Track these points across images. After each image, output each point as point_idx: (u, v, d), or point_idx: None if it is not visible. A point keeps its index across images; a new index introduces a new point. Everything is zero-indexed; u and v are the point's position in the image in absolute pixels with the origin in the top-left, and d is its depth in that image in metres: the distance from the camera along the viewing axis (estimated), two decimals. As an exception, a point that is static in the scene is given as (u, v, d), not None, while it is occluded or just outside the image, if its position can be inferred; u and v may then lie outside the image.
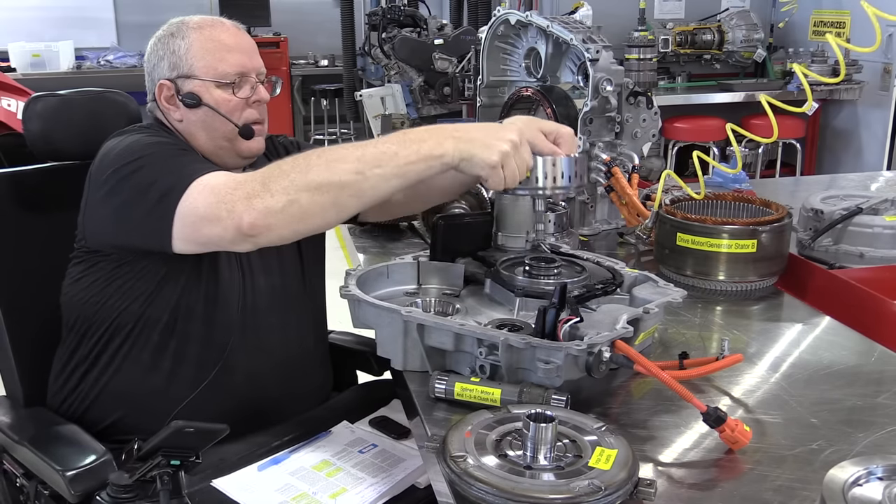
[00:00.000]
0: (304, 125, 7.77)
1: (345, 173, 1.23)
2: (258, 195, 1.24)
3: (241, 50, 1.58)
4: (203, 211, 1.30)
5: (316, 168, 1.25)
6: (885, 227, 1.74)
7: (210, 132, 1.56)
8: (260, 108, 1.59)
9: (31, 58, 6.87)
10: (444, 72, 4.96)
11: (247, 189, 1.26)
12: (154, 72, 1.59)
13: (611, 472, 0.92)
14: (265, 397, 1.57)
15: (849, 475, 0.86)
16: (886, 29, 4.76)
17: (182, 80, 1.55)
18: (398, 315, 1.24)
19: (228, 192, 1.27)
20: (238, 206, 1.25)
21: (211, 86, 1.54)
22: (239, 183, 1.28)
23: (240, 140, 1.57)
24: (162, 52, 1.57)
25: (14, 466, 1.56)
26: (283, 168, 1.26)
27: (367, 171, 1.23)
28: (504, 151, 1.23)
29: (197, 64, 1.54)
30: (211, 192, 1.30)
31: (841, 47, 4.17)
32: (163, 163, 1.40)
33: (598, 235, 1.90)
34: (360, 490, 1.34)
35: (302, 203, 1.24)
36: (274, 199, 1.24)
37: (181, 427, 1.23)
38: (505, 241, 1.58)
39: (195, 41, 1.55)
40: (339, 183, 1.23)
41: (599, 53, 1.80)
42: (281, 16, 7.64)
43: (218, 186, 1.30)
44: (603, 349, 1.13)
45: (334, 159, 1.25)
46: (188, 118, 1.56)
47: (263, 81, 1.61)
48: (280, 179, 1.25)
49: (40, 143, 1.67)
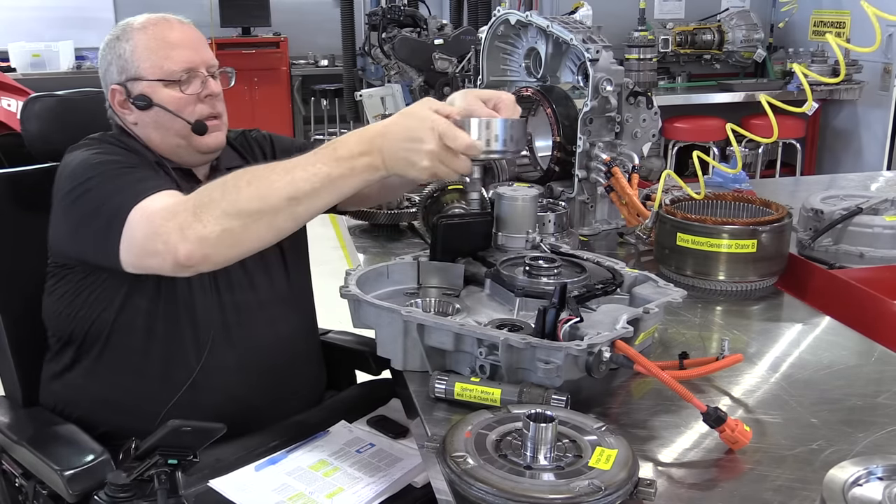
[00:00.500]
0: (304, 125, 7.77)
1: (277, 200, 1.23)
2: (191, 226, 1.25)
3: (186, 45, 1.55)
4: (141, 242, 1.31)
5: (247, 196, 1.24)
6: (885, 227, 1.74)
7: (164, 132, 1.55)
8: (213, 102, 1.57)
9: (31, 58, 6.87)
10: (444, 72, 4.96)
11: (180, 220, 1.26)
12: (106, 77, 1.58)
13: (611, 472, 0.92)
14: (256, 397, 1.56)
15: (849, 475, 0.86)
16: (886, 29, 4.76)
17: (131, 82, 1.54)
18: (398, 315, 1.23)
19: (163, 223, 1.28)
20: (172, 237, 1.26)
21: (158, 85, 1.53)
22: (172, 213, 1.28)
23: (196, 136, 1.55)
24: (110, 56, 1.56)
25: (13, 466, 1.56)
26: (213, 196, 1.26)
27: (300, 196, 1.23)
28: (426, 167, 1.21)
29: (143, 65, 1.53)
30: (147, 222, 1.31)
31: (841, 47, 4.17)
32: (109, 184, 1.39)
33: (598, 235, 1.90)
34: (356, 490, 1.34)
35: (235, 231, 1.24)
36: (207, 229, 1.24)
37: (178, 426, 1.23)
38: (505, 241, 1.58)
39: (139, 42, 1.53)
40: (271, 209, 1.23)
41: (599, 53, 1.80)
42: (281, 16, 7.64)
43: (154, 216, 1.30)
44: (603, 349, 1.13)
45: (265, 186, 1.24)
46: (142, 120, 1.55)
47: (215, 74, 1.58)
48: (211, 208, 1.25)
49: (38, 143, 1.67)
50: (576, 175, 1.86)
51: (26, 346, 1.63)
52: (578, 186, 1.87)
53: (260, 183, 1.24)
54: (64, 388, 1.56)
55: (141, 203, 1.33)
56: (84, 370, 1.53)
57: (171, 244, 1.26)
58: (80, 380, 1.54)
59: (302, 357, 1.68)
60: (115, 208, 1.34)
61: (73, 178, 1.43)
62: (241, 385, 1.55)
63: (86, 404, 1.52)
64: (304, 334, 1.71)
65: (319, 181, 1.22)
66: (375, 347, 1.31)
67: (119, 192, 1.37)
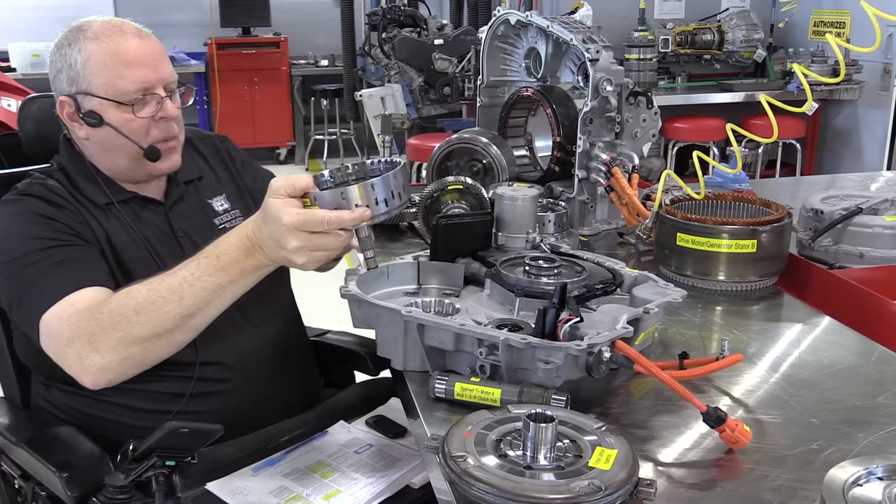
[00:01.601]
0: (304, 125, 7.77)
1: (169, 320, 1.26)
2: (88, 356, 1.28)
3: (143, 63, 1.43)
4: (52, 353, 1.34)
5: (138, 324, 1.26)
6: (885, 227, 1.74)
7: (115, 153, 1.47)
8: (168, 125, 1.47)
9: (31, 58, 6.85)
10: (444, 72, 4.96)
11: (78, 348, 1.29)
12: (54, 84, 1.48)
13: (611, 472, 0.92)
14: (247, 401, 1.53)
15: (849, 475, 0.86)
16: (886, 29, 4.76)
17: (81, 96, 1.43)
18: (398, 315, 1.23)
19: (62, 349, 1.31)
20: (73, 365, 1.30)
21: (110, 105, 1.42)
22: (67, 339, 1.30)
23: (147, 162, 1.47)
24: (60, 63, 1.45)
25: (11, 468, 1.56)
26: (104, 325, 1.27)
27: (193, 311, 1.26)
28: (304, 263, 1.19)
29: (94, 81, 1.42)
30: (52, 341, 1.33)
31: (841, 47, 4.17)
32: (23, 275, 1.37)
33: (598, 235, 1.90)
34: (354, 491, 1.34)
35: (135, 356, 1.29)
36: (105, 359, 1.27)
37: (175, 428, 1.23)
38: (505, 241, 1.58)
39: (92, 54, 1.42)
40: (166, 329, 1.27)
41: (599, 53, 1.79)
42: (281, 16, 7.63)
43: (55, 337, 1.32)
44: (603, 349, 1.12)
45: (154, 311, 1.25)
46: (93, 137, 1.46)
47: (174, 92, 1.49)
48: (105, 339, 1.27)
49: (35, 144, 1.66)
50: (576, 175, 1.86)
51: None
52: (578, 186, 1.87)
53: (149, 310, 1.26)
54: (51, 405, 1.54)
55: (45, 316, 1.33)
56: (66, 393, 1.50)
57: (73, 371, 1.31)
58: (64, 398, 1.51)
59: (291, 357, 1.65)
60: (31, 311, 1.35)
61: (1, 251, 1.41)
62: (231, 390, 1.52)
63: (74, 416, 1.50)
64: (290, 335, 1.67)
65: (210, 293, 1.25)
66: (374, 348, 1.31)
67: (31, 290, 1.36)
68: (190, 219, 1.57)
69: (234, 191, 1.67)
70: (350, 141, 7.38)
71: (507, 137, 2.08)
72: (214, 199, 1.62)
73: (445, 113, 5.15)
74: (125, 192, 1.52)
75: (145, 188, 1.55)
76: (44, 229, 1.41)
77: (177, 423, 1.23)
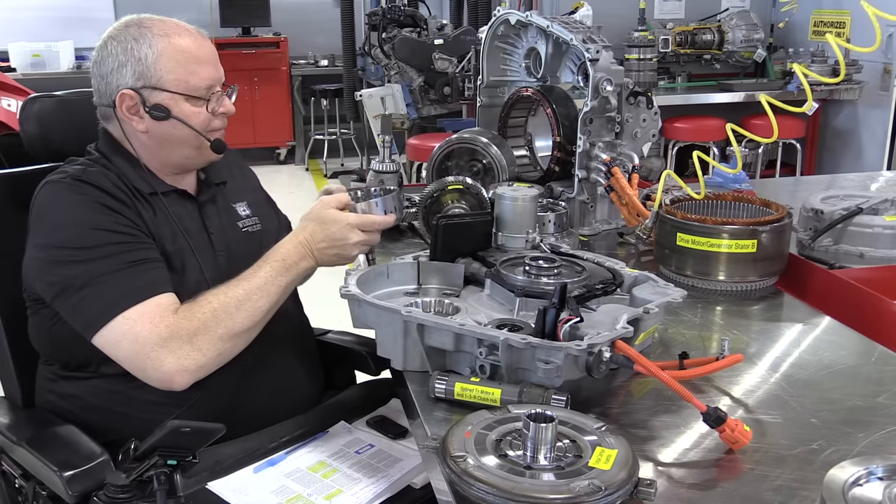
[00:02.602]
0: (305, 125, 7.77)
1: (259, 314, 1.41)
2: (188, 356, 1.35)
3: (209, 61, 1.53)
4: (125, 357, 1.37)
5: (238, 318, 1.39)
6: (885, 227, 1.74)
7: (176, 146, 1.52)
8: (224, 120, 1.58)
9: (31, 58, 6.87)
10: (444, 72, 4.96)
11: (173, 347, 1.35)
12: (111, 77, 1.49)
13: (611, 472, 0.92)
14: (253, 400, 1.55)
15: (849, 475, 0.86)
16: (886, 29, 4.76)
17: (149, 90, 1.48)
18: (398, 315, 1.23)
19: (154, 349, 1.34)
20: (166, 366, 1.34)
21: (181, 99, 1.49)
22: (164, 339, 1.34)
23: (206, 150, 1.55)
24: (123, 57, 1.48)
25: (12, 467, 1.56)
26: (207, 322, 1.37)
27: (272, 307, 1.43)
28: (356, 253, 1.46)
29: (167, 76, 1.48)
30: (135, 341, 1.35)
31: (841, 47, 4.18)
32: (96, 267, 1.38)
33: (598, 235, 1.90)
34: (355, 491, 1.34)
35: (227, 351, 1.40)
36: (206, 357, 1.37)
37: (177, 427, 1.23)
38: (505, 241, 1.58)
39: (164, 50, 1.47)
40: (255, 324, 1.42)
41: (599, 53, 1.80)
42: (281, 16, 7.64)
43: (143, 337, 1.34)
44: (603, 349, 1.12)
45: (250, 305, 1.40)
46: (154, 130, 1.50)
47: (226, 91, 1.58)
48: (207, 335, 1.37)
49: (38, 143, 1.67)
50: (576, 175, 1.86)
51: (26, 346, 1.63)
52: (578, 186, 1.87)
53: (247, 305, 1.40)
54: (59, 397, 1.54)
55: (128, 313, 1.35)
56: (78, 383, 1.51)
57: (164, 372, 1.35)
58: (74, 390, 1.52)
59: (297, 357, 1.67)
60: (101, 303, 1.37)
61: (59, 235, 1.42)
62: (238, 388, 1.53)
63: (81, 413, 1.50)
64: (298, 334, 1.70)
65: (280, 291, 1.43)
66: (375, 347, 1.31)
67: (106, 283, 1.37)
68: (220, 218, 1.63)
69: (252, 200, 1.73)
70: (350, 141, 7.38)
71: (507, 137, 2.08)
72: (238, 205, 1.69)
73: (445, 113, 5.15)
74: (165, 184, 1.57)
75: (181, 183, 1.60)
76: (111, 222, 1.44)
77: (178, 422, 1.23)
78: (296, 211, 1.64)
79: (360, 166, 7.08)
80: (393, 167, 1.81)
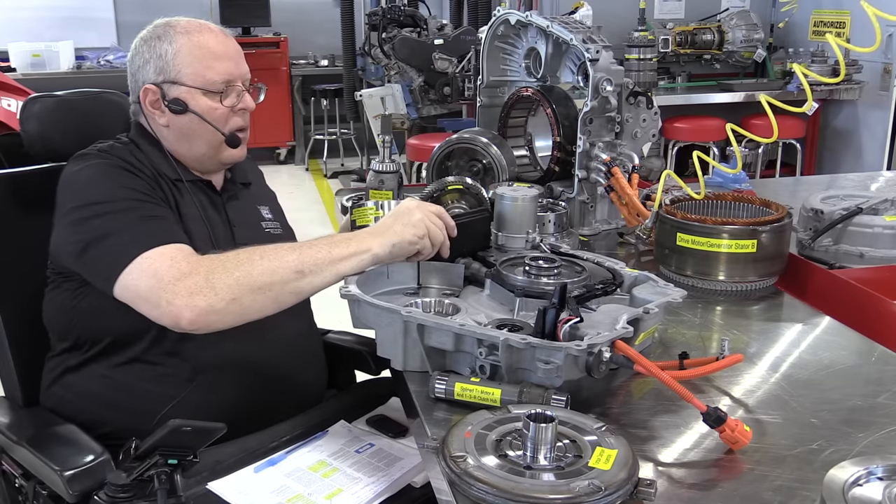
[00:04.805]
0: (304, 125, 7.77)
1: (286, 272, 1.31)
2: (201, 292, 1.28)
3: (229, 57, 1.57)
4: (143, 293, 1.33)
5: (260, 267, 1.31)
6: (885, 227, 1.74)
7: (195, 139, 1.57)
8: (245, 116, 1.60)
9: (31, 58, 6.86)
10: (444, 72, 4.96)
11: (190, 284, 1.29)
12: (138, 74, 1.57)
13: (611, 472, 0.92)
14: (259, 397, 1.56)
15: (849, 475, 0.86)
16: (886, 29, 4.76)
17: (168, 85, 1.54)
18: (398, 315, 1.23)
19: (171, 283, 1.30)
20: (178, 300, 1.29)
21: (198, 93, 1.54)
22: (182, 274, 1.31)
23: (224, 147, 1.58)
24: (148, 55, 1.55)
25: (13, 467, 1.56)
26: (227, 265, 1.31)
27: (306, 269, 1.31)
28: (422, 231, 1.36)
29: (184, 70, 1.53)
30: (153, 276, 1.32)
31: (841, 47, 4.17)
32: (120, 216, 1.41)
33: (598, 235, 1.90)
34: (355, 490, 1.34)
35: (244, 302, 1.30)
36: (218, 298, 1.28)
37: (178, 426, 1.23)
38: (505, 241, 1.58)
39: (183, 46, 1.54)
40: (280, 281, 1.31)
41: (599, 53, 1.80)
42: (281, 16, 7.64)
43: (161, 272, 1.32)
44: (603, 349, 1.13)
45: (276, 259, 1.32)
46: (174, 124, 1.56)
47: (249, 88, 1.60)
48: (224, 277, 1.29)
49: (38, 143, 1.67)
50: (576, 175, 1.86)
51: (26, 346, 1.63)
52: (578, 186, 1.87)
53: (271, 256, 1.32)
54: (65, 389, 1.55)
55: (149, 252, 1.34)
56: (86, 372, 1.53)
57: (175, 305, 1.29)
58: (82, 380, 1.53)
59: (304, 356, 1.68)
60: (122, 247, 1.36)
61: (83, 195, 1.44)
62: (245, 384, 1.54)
63: (87, 405, 1.52)
64: (305, 333, 1.71)
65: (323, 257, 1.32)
66: (375, 347, 1.31)
67: (128, 230, 1.39)
68: (244, 215, 1.66)
69: (272, 207, 1.78)
70: (350, 141, 7.38)
71: (507, 137, 2.08)
72: (261, 207, 1.73)
73: (445, 113, 5.15)
74: (191, 174, 1.61)
75: (207, 177, 1.64)
76: (135, 182, 1.48)
77: (179, 421, 1.23)
78: (296, 211, 1.65)
79: (360, 166, 7.08)
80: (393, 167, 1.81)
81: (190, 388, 1.49)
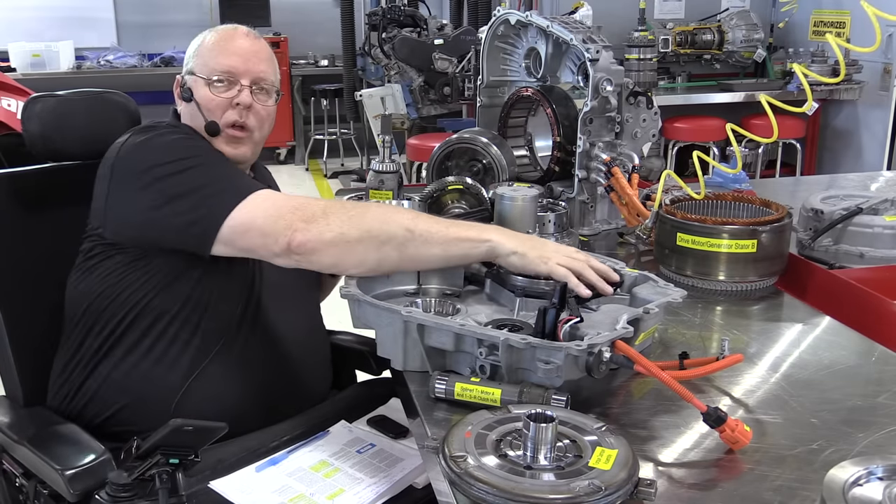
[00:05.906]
0: (305, 125, 7.76)
1: (397, 227, 1.34)
2: (316, 220, 1.35)
3: (238, 54, 1.60)
4: (261, 222, 1.38)
5: (374, 214, 1.38)
6: (885, 227, 1.74)
7: (199, 129, 1.60)
8: (241, 112, 1.59)
9: (31, 58, 6.86)
10: (444, 72, 4.96)
11: (307, 212, 1.36)
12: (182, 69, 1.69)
13: (611, 472, 0.92)
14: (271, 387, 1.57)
15: (849, 475, 0.86)
16: (886, 29, 4.75)
17: (187, 75, 1.63)
18: (398, 315, 1.23)
19: (290, 211, 1.37)
20: (297, 224, 1.35)
21: (200, 82, 1.60)
22: (301, 204, 1.39)
23: (218, 140, 1.59)
24: (189, 51, 1.66)
25: (13, 466, 1.56)
26: (346, 206, 1.40)
27: (416, 232, 1.33)
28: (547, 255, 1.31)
29: (198, 61, 1.61)
30: (273, 205, 1.40)
31: (841, 47, 4.18)
32: (212, 169, 1.49)
33: (598, 235, 1.90)
34: (357, 491, 1.34)
35: (350, 240, 1.34)
36: (329, 227, 1.34)
37: (180, 425, 1.23)
38: (505, 240, 1.57)
39: (206, 41, 1.63)
40: (388, 233, 1.34)
41: (599, 53, 1.80)
42: (281, 16, 7.63)
43: (279, 202, 1.41)
44: (603, 349, 1.13)
45: (390, 213, 1.40)
46: (185, 112, 1.63)
47: (253, 88, 1.60)
48: (339, 213, 1.36)
49: (39, 143, 1.67)
50: (576, 175, 1.86)
51: (27, 345, 1.63)
52: (578, 186, 1.87)
53: (387, 210, 1.42)
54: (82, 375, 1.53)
55: (260, 191, 1.43)
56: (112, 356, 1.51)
57: (292, 229, 1.35)
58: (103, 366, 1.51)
59: (312, 357, 1.68)
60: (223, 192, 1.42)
61: (161, 156, 1.47)
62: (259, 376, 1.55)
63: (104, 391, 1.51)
64: (314, 334, 1.72)
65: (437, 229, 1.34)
66: (376, 347, 1.31)
67: (224, 180, 1.46)
68: None
69: None
70: (350, 141, 7.38)
71: (507, 137, 2.08)
72: None
73: (445, 113, 5.15)
74: None
75: None
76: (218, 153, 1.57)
77: (181, 420, 1.23)
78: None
79: (360, 166, 7.08)
80: (393, 167, 1.81)
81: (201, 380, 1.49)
